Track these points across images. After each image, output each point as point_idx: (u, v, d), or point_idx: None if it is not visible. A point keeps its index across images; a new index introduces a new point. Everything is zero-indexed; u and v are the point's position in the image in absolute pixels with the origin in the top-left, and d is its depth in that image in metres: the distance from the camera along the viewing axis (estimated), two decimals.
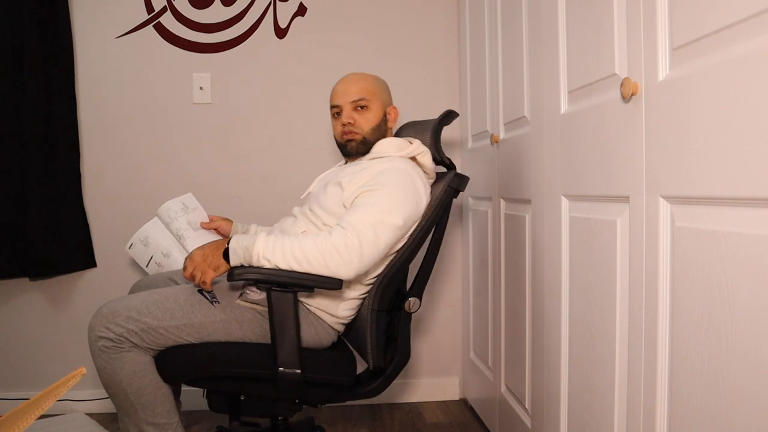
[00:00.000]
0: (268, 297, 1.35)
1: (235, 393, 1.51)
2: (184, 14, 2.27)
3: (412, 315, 1.54)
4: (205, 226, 1.78)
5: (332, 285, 1.36)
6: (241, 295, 1.45)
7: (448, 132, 2.37)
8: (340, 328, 1.54)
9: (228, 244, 1.36)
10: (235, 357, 1.40)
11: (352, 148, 1.59)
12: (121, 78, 2.26)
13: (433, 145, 1.58)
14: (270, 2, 2.29)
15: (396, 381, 2.35)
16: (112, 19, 2.25)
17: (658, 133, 0.97)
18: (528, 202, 1.58)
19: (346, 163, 1.68)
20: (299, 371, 1.36)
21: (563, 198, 1.35)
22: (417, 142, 1.56)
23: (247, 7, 2.28)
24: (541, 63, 1.46)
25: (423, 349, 2.39)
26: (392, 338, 1.55)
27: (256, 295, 1.44)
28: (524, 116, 1.60)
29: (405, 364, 1.56)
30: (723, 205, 0.83)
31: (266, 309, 1.38)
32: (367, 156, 1.58)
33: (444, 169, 1.60)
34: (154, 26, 2.26)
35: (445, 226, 1.55)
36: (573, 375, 1.32)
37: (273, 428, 1.58)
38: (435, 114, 2.34)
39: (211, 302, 1.42)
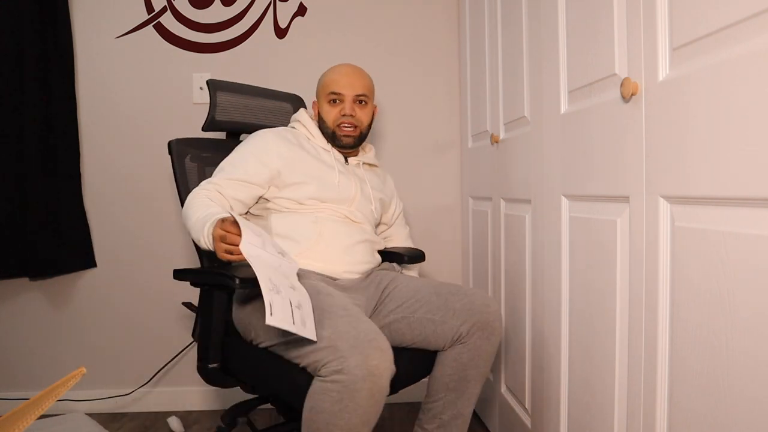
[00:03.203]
0: None
1: None
2: (184, 14, 2.27)
3: None
4: None
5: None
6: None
7: (447, 132, 2.37)
8: None
9: None
10: None
11: (348, 142, 1.61)
12: (121, 78, 2.26)
13: None
14: (270, 2, 2.29)
15: None
16: (112, 19, 2.25)
17: (658, 133, 0.97)
18: (528, 202, 1.58)
19: (346, 160, 1.65)
20: None
21: (563, 198, 1.35)
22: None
23: (247, 7, 2.28)
24: (541, 63, 1.46)
25: None
26: None
27: None
28: (524, 116, 1.60)
29: None
30: (723, 205, 0.83)
31: None
32: (361, 157, 1.69)
33: None
34: (154, 26, 2.26)
35: None
36: (573, 375, 1.32)
37: (275, 427, 1.60)
38: (435, 112, 2.35)
39: None
